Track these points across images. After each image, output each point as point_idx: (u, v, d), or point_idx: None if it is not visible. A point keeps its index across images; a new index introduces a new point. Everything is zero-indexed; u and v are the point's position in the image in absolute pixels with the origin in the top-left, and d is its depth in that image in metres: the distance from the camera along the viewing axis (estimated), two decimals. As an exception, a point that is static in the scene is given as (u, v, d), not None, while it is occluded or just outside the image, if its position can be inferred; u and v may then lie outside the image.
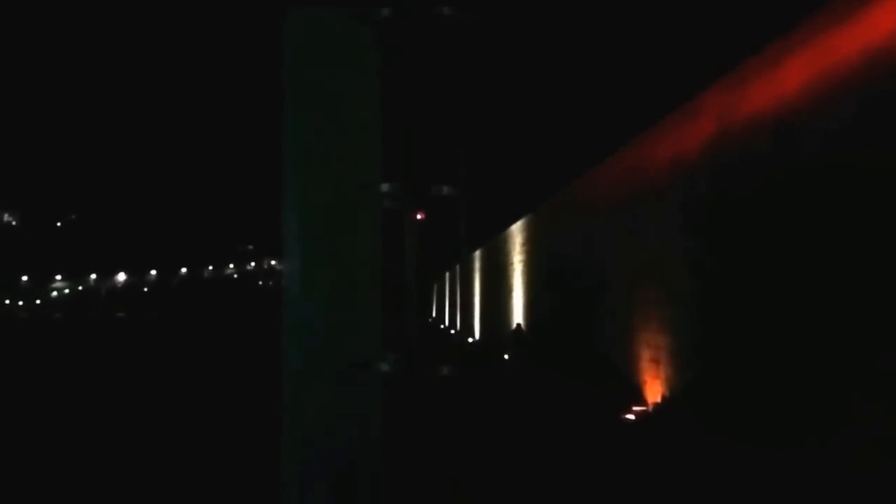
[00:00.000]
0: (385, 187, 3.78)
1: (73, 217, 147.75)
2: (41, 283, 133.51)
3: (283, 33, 3.80)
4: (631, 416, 10.03)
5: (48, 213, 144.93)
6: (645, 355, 10.46)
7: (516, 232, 17.87)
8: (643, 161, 10.68)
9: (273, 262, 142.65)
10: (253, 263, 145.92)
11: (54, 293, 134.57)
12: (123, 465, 8.41)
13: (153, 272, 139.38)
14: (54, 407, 13.41)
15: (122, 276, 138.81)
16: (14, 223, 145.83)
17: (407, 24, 6.25)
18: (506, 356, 17.47)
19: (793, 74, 6.58)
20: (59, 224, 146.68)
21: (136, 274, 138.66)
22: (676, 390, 9.44)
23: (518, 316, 17.78)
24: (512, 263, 18.47)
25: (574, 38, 6.65)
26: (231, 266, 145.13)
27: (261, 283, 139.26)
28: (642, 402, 10.31)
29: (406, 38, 6.24)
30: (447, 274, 35.79)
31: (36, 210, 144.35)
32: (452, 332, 30.10)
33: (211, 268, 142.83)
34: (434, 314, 44.38)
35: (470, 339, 23.19)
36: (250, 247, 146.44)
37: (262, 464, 4.83)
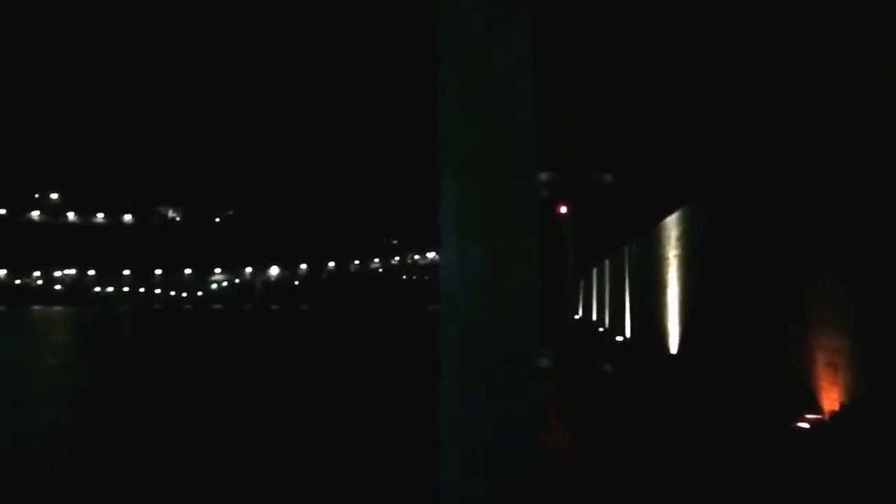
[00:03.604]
0: (542, 176, 3.55)
1: (231, 213, 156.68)
2: (202, 276, 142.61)
3: (438, 20, 3.61)
4: (804, 425, 9.22)
5: (208, 209, 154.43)
6: (820, 359, 9.58)
7: (671, 225, 17.08)
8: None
9: (416, 257, 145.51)
10: (397, 258, 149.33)
11: (213, 285, 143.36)
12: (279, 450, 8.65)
13: (303, 266, 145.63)
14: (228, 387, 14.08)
15: (274, 270, 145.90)
16: (177, 219, 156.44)
17: (562, 5, 5.88)
18: (671, 353, 16.73)
19: None
20: (217, 220, 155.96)
21: (288, 268, 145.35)
22: (858, 399, 8.56)
23: (673, 314, 16.98)
24: (666, 258, 17.68)
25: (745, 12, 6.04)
26: (376, 260, 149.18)
27: (404, 277, 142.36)
28: (817, 409, 9.45)
29: (561, 20, 5.84)
30: (594, 269, 35.00)
31: (197, 206, 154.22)
32: (601, 329, 29.40)
33: (357, 262, 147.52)
34: (580, 311, 43.67)
35: (619, 338, 22.47)
36: (395, 241, 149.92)
37: (422, 453, 4.72)
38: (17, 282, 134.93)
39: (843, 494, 6.44)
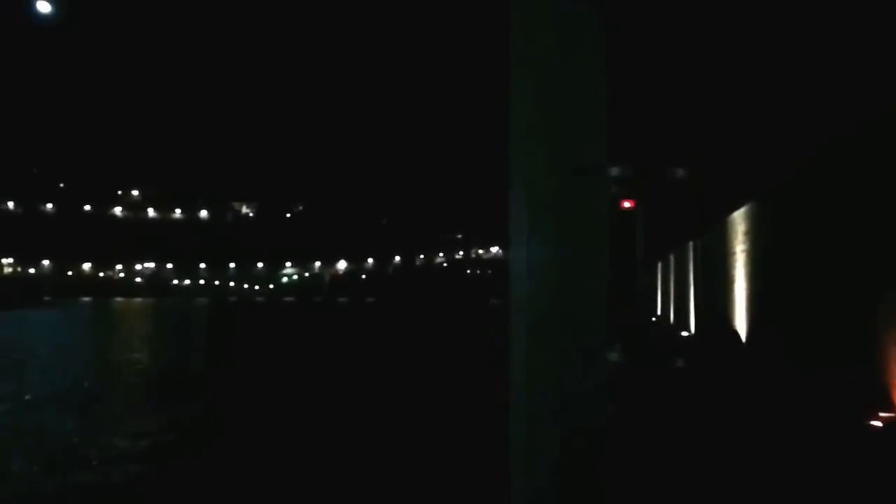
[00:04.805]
0: (613, 171, 3.61)
1: (301, 208, 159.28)
2: (273, 269, 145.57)
3: (509, 14, 3.73)
4: (877, 423, 9.06)
5: (279, 204, 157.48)
6: (893, 355, 9.40)
7: (739, 219, 16.81)
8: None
9: (480, 252, 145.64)
10: (461, 252, 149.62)
11: (284, 279, 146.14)
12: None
13: (370, 260, 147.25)
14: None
15: (342, 264, 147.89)
16: (251, 214, 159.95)
17: (635, 3, 5.94)
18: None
19: None
20: (288, 215, 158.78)
21: (355, 262, 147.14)
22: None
23: (741, 310, 16.72)
24: (734, 253, 17.40)
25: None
26: (441, 255, 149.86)
27: (468, 271, 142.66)
28: (891, 407, 9.28)
29: (633, 14, 5.92)
30: (658, 264, 34.51)
31: (269, 202, 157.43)
32: (664, 324, 28.99)
33: (422, 256, 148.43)
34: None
35: (684, 333, 22.19)
36: (459, 235, 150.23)
37: (491, 447, 4.90)
38: (101, 274, 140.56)
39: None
